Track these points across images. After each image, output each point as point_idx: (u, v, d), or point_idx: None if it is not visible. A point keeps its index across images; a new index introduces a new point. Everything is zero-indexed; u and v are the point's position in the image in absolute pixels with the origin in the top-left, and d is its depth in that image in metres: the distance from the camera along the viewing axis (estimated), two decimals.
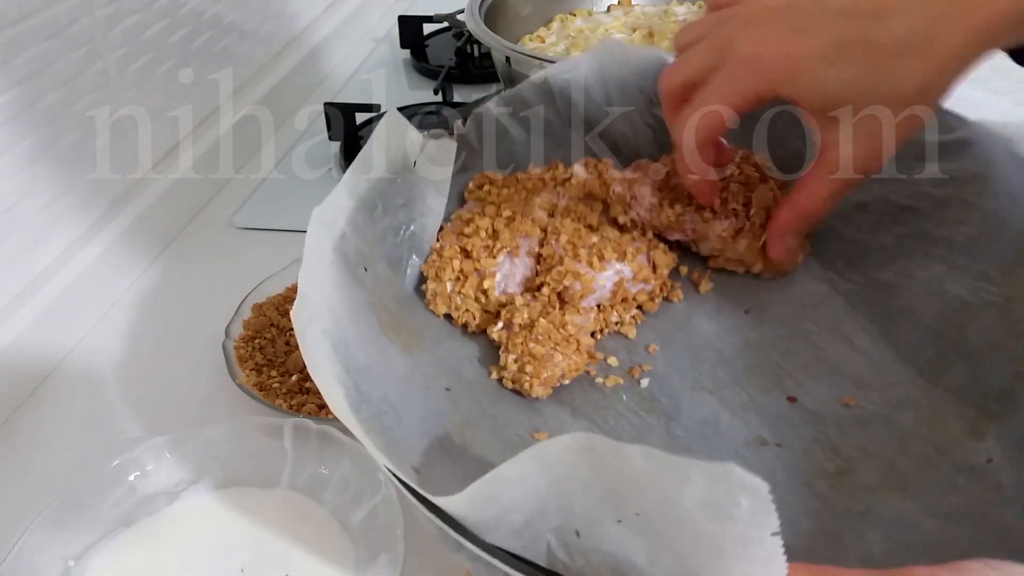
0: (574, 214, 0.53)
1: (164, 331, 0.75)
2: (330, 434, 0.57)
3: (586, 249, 0.50)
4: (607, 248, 0.50)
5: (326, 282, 0.42)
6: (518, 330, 0.48)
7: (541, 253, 0.52)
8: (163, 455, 0.57)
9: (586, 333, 0.49)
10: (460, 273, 0.51)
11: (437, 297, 0.51)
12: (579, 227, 0.51)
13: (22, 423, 0.67)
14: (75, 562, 0.53)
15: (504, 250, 0.51)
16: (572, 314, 0.49)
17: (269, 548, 0.54)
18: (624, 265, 0.50)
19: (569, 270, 0.49)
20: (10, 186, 0.68)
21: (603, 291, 0.50)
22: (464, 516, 0.33)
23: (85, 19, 0.75)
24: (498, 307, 0.51)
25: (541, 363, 0.46)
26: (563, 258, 0.50)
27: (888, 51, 0.39)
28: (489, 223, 0.52)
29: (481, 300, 0.51)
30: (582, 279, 0.49)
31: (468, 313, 0.51)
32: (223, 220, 0.90)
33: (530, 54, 0.80)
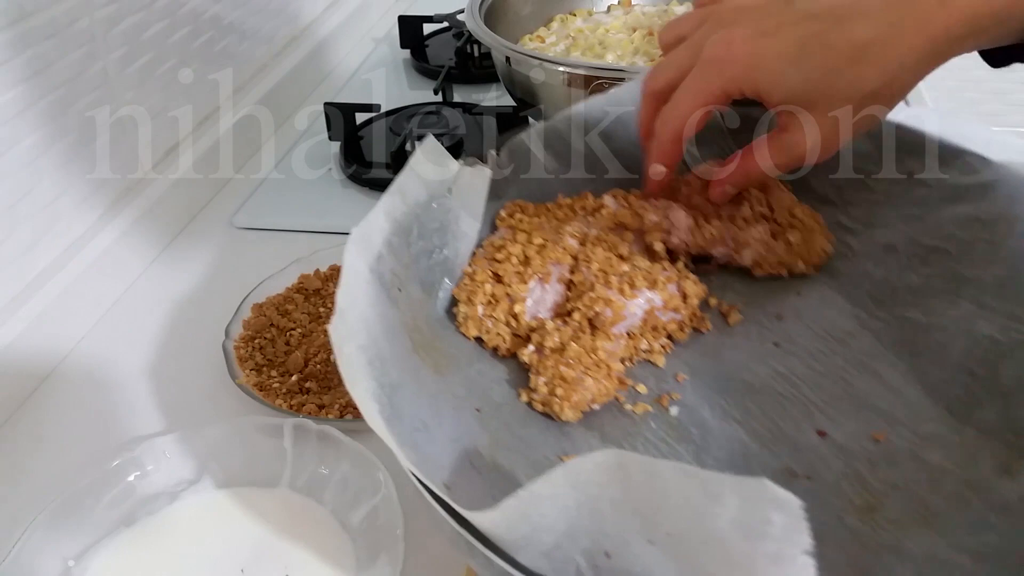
0: (605, 243, 0.53)
1: (164, 331, 0.75)
2: (330, 434, 0.57)
3: (617, 277, 0.51)
4: (638, 276, 0.51)
5: (363, 300, 0.42)
6: (549, 353, 0.48)
7: (572, 280, 0.52)
8: (163, 455, 0.57)
9: (616, 359, 0.49)
10: (491, 297, 0.51)
11: (468, 320, 0.51)
12: (610, 256, 0.52)
13: (22, 423, 0.67)
14: (75, 562, 0.53)
15: (535, 276, 0.52)
16: (602, 340, 0.49)
17: (269, 548, 0.54)
18: (655, 293, 0.51)
19: (601, 296, 0.50)
20: (10, 186, 0.68)
21: (634, 319, 0.50)
22: (495, 533, 0.33)
23: (85, 19, 0.75)
24: (528, 331, 0.51)
25: (572, 386, 0.47)
26: (595, 285, 0.50)
27: (847, 55, 0.42)
28: (520, 250, 0.53)
29: (511, 324, 0.51)
30: (613, 306, 0.49)
31: (498, 336, 0.51)
32: (223, 220, 0.90)
33: (530, 54, 0.80)
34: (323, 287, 0.75)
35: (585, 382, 0.47)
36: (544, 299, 0.52)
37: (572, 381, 0.47)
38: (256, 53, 1.07)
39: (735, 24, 0.45)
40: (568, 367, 0.47)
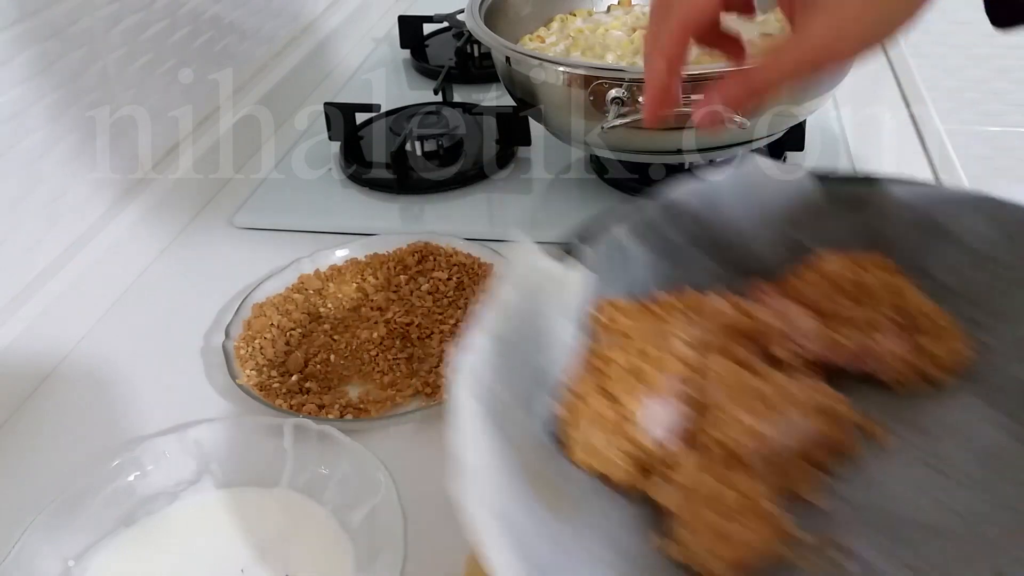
0: (724, 351, 0.47)
1: (164, 331, 0.75)
2: (330, 434, 0.57)
3: (752, 396, 0.44)
4: (778, 396, 0.44)
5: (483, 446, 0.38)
6: (687, 493, 0.42)
7: (691, 394, 0.46)
8: (163, 455, 0.57)
9: (768, 499, 0.41)
10: (601, 418, 0.45)
11: (576, 445, 0.45)
12: (736, 368, 0.46)
13: (22, 423, 0.67)
14: (75, 562, 0.53)
15: (647, 392, 0.45)
16: (746, 475, 0.42)
17: (269, 548, 0.54)
18: (802, 418, 0.44)
19: (736, 419, 0.43)
20: (11, 186, 0.68)
21: (784, 451, 0.44)
22: None
23: (85, 19, 0.75)
24: (648, 458, 0.45)
25: (726, 541, 0.40)
26: (726, 406, 0.44)
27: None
28: (626, 359, 0.46)
29: (627, 448, 0.44)
30: (754, 433, 0.43)
31: (613, 464, 0.44)
32: (223, 220, 0.90)
33: (530, 54, 0.80)
34: (323, 287, 0.75)
35: (742, 534, 0.40)
36: (661, 418, 0.45)
37: (726, 533, 0.40)
38: (256, 53, 1.07)
39: None
40: (716, 512, 0.40)
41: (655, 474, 0.44)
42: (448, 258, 0.77)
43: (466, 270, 0.75)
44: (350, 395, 0.64)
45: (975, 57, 2.13)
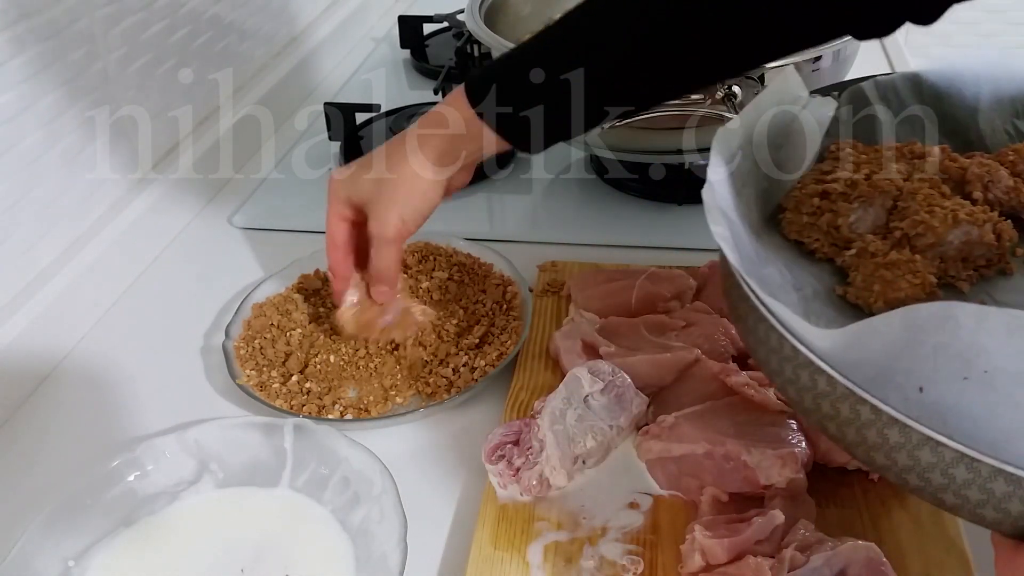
0: (929, 182, 0.58)
1: (164, 331, 0.75)
2: (330, 434, 0.57)
3: (942, 210, 0.55)
4: (962, 211, 0.55)
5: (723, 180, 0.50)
6: (869, 257, 0.54)
7: (897, 205, 0.58)
8: (163, 455, 0.57)
9: (930, 273, 0.54)
10: (817, 209, 0.58)
11: (791, 224, 0.58)
12: (934, 192, 0.57)
13: (22, 423, 0.67)
14: (75, 562, 0.53)
15: (860, 198, 0.57)
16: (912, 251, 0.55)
17: (269, 548, 0.54)
18: (975, 228, 0.55)
19: (924, 221, 0.55)
20: (11, 186, 0.68)
21: (949, 247, 0.55)
22: (831, 352, 0.40)
23: (85, 19, 0.75)
24: (846, 243, 0.57)
25: (889, 284, 0.52)
26: (919, 210, 0.56)
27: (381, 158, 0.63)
28: (848, 175, 0.59)
29: (832, 234, 0.57)
30: (935, 231, 0.55)
31: (818, 242, 0.58)
32: (223, 220, 0.90)
33: None
34: (323, 287, 0.75)
35: (900, 283, 0.52)
36: (865, 219, 0.58)
37: (890, 280, 0.52)
38: (256, 53, 1.07)
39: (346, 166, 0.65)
40: (887, 269, 0.53)
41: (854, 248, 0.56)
42: (448, 258, 0.77)
43: (466, 270, 0.75)
44: (350, 395, 0.64)
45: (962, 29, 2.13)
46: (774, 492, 0.53)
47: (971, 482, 0.37)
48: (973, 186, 0.60)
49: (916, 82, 0.66)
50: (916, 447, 0.38)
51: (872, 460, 0.40)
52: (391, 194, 0.61)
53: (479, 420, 0.63)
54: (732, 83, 0.72)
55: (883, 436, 0.39)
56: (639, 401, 0.59)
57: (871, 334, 0.38)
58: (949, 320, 0.36)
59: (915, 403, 0.38)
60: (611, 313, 0.68)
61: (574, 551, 0.52)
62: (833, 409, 0.41)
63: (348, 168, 0.64)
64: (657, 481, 0.57)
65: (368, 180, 0.62)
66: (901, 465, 0.39)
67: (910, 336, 0.37)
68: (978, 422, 0.37)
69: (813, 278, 0.57)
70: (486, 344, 0.68)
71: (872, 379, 0.39)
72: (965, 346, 0.36)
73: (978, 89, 0.66)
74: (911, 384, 0.38)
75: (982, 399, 0.36)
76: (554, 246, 0.82)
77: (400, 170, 0.61)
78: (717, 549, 0.49)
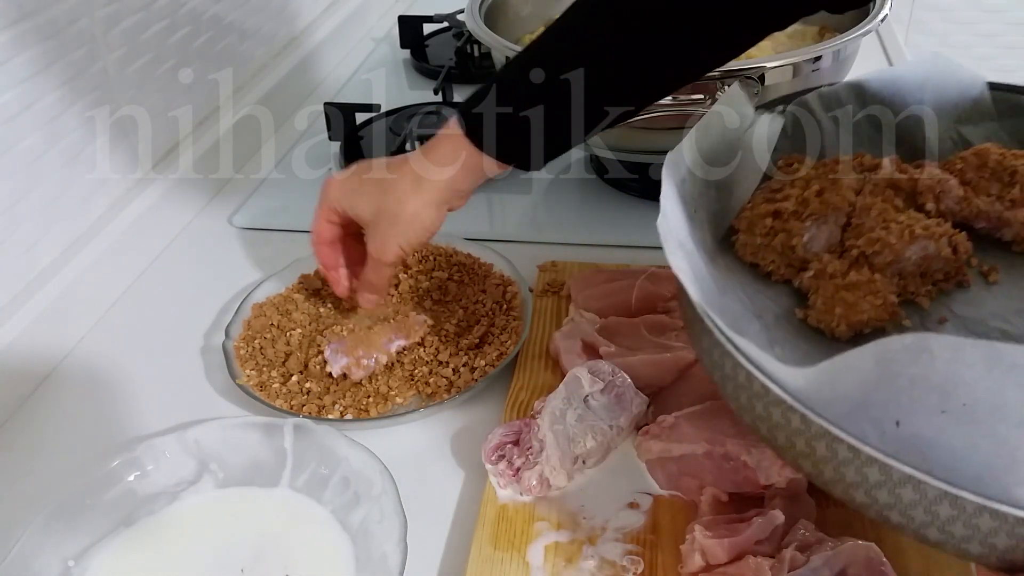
0: (882, 196, 0.59)
1: (164, 331, 0.75)
2: (330, 434, 0.57)
3: (897, 225, 0.56)
4: (917, 226, 0.56)
5: (675, 210, 0.50)
6: (828, 279, 0.54)
7: (851, 222, 0.58)
8: (163, 455, 0.57)
9: (890, 292, 0.54)
10: (770, 229, 0.58)
11: (746, 247, 0.59)
12: (888, 207, 0.58)
13: (22, 423, 0.67)
14: (75, 562, 0.53)
15: (813, 216, 0.57)
16: (872, 270, 0.55)
17: (269, 548, 0.54)
18: (931, 243, 0.56)
19: (881, 238, 0.55)
20: (11, 186, 0.68)
21: (908, 263, 0.56)
22: (804, 391, 0.39)
23: (85, 19, 0.75)
24: (802, 263, 0.57)
25: (851, 307, 0.52)
26: (875, 228, 0.56)
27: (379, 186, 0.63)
28: (799, 192, 0.59)
29: (787, 255, 0.57)
30: (893, 248, 0.55)
31: (774, 264, 0.58)
32: (223, 220, 0.90)
33: None
34: (323, 287, 0.75)
35: (862, 305, 0.52)
36: (819, 237, 0.58)
37: (851, 303, 0.53)
38: (256, 53, 1.07)
39: (345, 170, 0.65)
40: (847, 291, 0.53)
41: (811, 270, 0.56)
42: (448, 258, 0.77)
43: (466, 270, 0.75)
44: (350, 395, 0.64)
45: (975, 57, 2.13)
46: (774, 492, 0.53)
47: (955, 518, 0.36)
48: (925, 197, 0.60)
49: (860, 91, 0.66)
50: (897, 484, 0.37)
51: (851, 498, 0.39)
52: (391, 224, 0.62)
53: (479, 420, 0.63)
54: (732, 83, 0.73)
55: (862, 474, 0.38)
56: (639, 401, 0.59)
57: (844, 370, 0.37)
58: (924, 352, 0.35)
59: (892, 438, 0.37)
60: (611, 313, 0.68)
61: (574, 551, 0.52)
62: (808, 447, 0.40)
63: (347, 180, 0.65)
64: (657, 481, 0.57)
65: (369, 205, 0.63)
66: (882, 503, 0.38)
67: (884, 369, 0.36)
68: (959, 456, 0.36)
69: (771, 302, 0.57)
70: (486, 344, 0.68)
71: (847, 414, 0.38)
72: (942, 378, 0.35)
73: (922, 96, 0.66)
74: (888, 418, 0.37)
75: (962, 433, 0.36)
76: (554, 246, 0.82)
77: (401, 206, 0.62)
78: (717, 549, 0.49)
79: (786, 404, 0.40)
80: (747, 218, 0.59)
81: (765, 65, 0.73)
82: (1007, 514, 0.35)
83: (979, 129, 0.66)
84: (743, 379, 0.42)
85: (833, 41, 0.76)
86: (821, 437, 0.39)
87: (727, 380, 0.44)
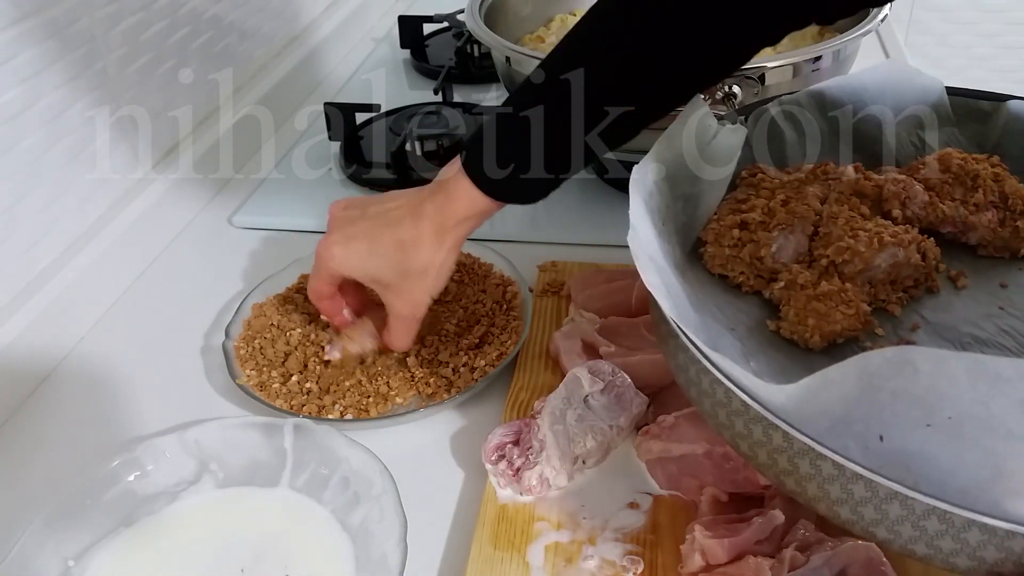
0: (848, 204, 0.59)
1: (164, 331, 0.75)
2: (330, 434, 0.57)
3: (866, 233, 0.56)
4: (886, 233, 0.56)
5: (645, 222, 0.50)
6: (799, 290, 0.55)
7: (818, 231, 0.58)
8: (163, 455, 0.57)
9: (862, 301, 0.55)
10: (738, 241, 0.58)
11: (714, 259, 0.59)
12: (854, 215, 0.58)
13: (22, 423, 0.67)
14: (75, 562, 0.53)
15: (779, 226, 0.58)
16: (842, 280, 0.55)
17: (269, 548, 0.54)
18: (900, 250, 0.56)
19: (850, 247, 0.55)
20: (11, 186, 0.68)
21: (877, 270, 0.56)
22: (785, 407, 0.38)
23: (85, 19, 0.75)
24: (771, 274, 0.57)
25: (824, 318, 0.53)
26: (843, 236, 0.56)
27: (396, 248, 0.60)
28: (765, 203, 0.59)
29: (756, 266, 0.58)
30: (862, 256, 0.55)
31: (743, 275, 0.58)
32: (223, 220, 0.90)
33: (530, 54, 0.80)
34: None
35: (835, 315, 0.53)
36: (786, 247, 0.58)
37: (824, 313, 0.53)
38: (256, 53, 1.07)
39: (331, 232, 0.62)
40: (819, 301, 0.53)
41: (781, 281, 0.56)
42: None
43: (466, 270, 0.75)
44: (350, 395, 0.64)
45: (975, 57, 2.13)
46: (774, 492, 0.53)
47: (944, 533, 0.36)
48: (891, 204, 0.60)
49: (820, 99, 0.66)
50: (884, 500, 0.37)
51: (836, 515, 0.39)
52: (421, 279, 0.60)
53: (479, 420, 0.63)
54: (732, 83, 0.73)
55: (847, 491, 0.38)
56: (639, 401, 0.59)
57: (826, 385, 0.37)
58: (906, 366, 0.35)
59: (876, 452, 0.37)
60: (611, 313, 0.68)
61: (574, 551, 0.52)
62: (791, 464, 0.40)
63: (350, 245, 0.61)
64: (657, 481, 0.57)
65: (390, 268, 0.60)
66: (868, 519, 0.38)
67: (866, 384, 0.36)
68: (945, 470, 0.35)
69: (743, 314, 0.57)
70: (486, 344, 0.68)
71: (829, 430, 0.38)
72: (925, 391, 0.35)
73: (882, 102, 0.67)
74: (871, 433, 0.37)
75: (948, 446, 0.35)
76: (554, 246, 0.82)
77: (429, 260, 0.60)
78: (717, 549, 0.49)
79: (767, 421, 0.39)
80: (714, 230, 0.59)
81: (765, 65, 0.73)
82: (995, 527, 0.35)
83: (939, 134, 0.67)
84: (722, 396, 0.42)
85: (833, 41, 0.76)
86: (804, 454, 0.39)
87: (704, 397, 0.43)
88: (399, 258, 0.60)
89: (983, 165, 0.62)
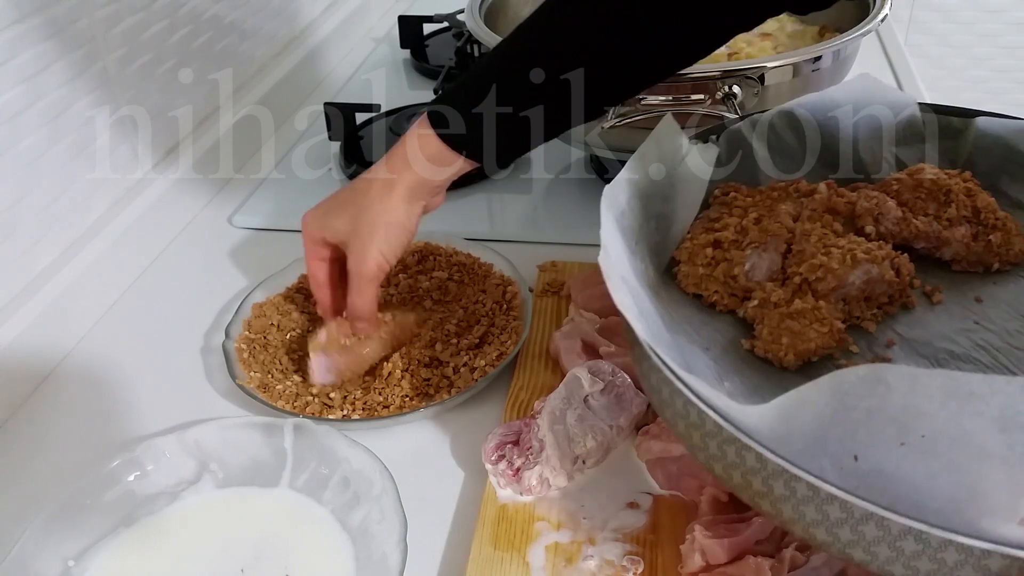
0: (821, 221, 0.59)
1: (164, 331, 0.75)
2: (330, 434, 0.57)
3: (839, 250, 0.56)
4: (859, 250, 0.56)
5: (617, 242, 0.50)
6: (772, 308, 0.54)
7: (791, 248, 0.58)
8: (163, 455, 0.57)
9: (836, 319, 0.54)
10: (711, 260, 0.58)
11: (688, 278, 0.59)
12: (827, 232, 0.58)
13: (22, 423, 0.67)
14: (75, 562, 0.53)
15: (752, 244, 0.58)
16: (816, 298, 0.55)
17: (269, 548, 0.54)
18: (874, 266, 0.56)
19: (823, 264, 0.55)
20: (11, 186, 0.68)
21: (851, 287, 0.56)
22: (758, 428, 0.38)
23: (85, 19, 0.75)
24: (744, 292, 0.57)
25: (798, 336, 0.53)
26: (816, 254, 0.56)
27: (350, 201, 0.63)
28: (738, 221, 0.59)
29: (730, 284, 0.57)
30: (835, 273, 0.55)
31: (717, 294, 0.58)
32: (223, 220, 0.90)
33: None
34: None
35: (809, 333, 0.53)
36: (760, 265, 0.58)
37: (798, 331, 0.53)
38: (256, 53, 1.07)
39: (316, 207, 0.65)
40: (793, 320, 0.53)
41: (755, 299, 0.56)
42: (448, 258, 0.77)
43: (466, 270, 0.75)
44: (350, 395, 0.64)
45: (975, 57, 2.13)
46: None
47: (920, 553, 0.36)
48: (864, 220, 0.60)
49: (792, 117, 0.66)
50: (860, 522, 0.36)
51: (812, 536, 0.38)
52: (370, 232, 0.61)
53: (479, 420, 0.63)
54: (732, 83, 0.73)
55: (823, 512, 0.37)
56: (639, 401, 0.59)
57: (799, 405, 0.36)
58: (880, 384, 0.34)
59: (851, 472, 0.36)
60: (611, 313, 0.68)
61: (574, 551, 0.52)
62: (765, 486, 0.39)
63: (319, 208, 0.65)
64: (657, 481, 0.57)
65: (344, 220, 0.63)
66: (844, 540, 0.37)
67: (840, 403, 0.35)
68: (920, 489, 0.35)
69: (717, 333, 0.56)
70: (486, 344, 0.68)
71: (803, 451, 0.37)
72: (899, 410, 0.34)
73: (855, 118, 0.66)
74: (846, 452, 0.36)
75: (923, 465, 0.35)
76: (554, 246, 0.82)
77: (376, 210, 0.61)
78: (717, 549, 0.49)
79: (740, 442, 0.39)
80: (688, 249, 0.59)
81: (765, 65, 0.73)
82: (972, 547, 0.34)
83: (912, 150, 0.67)
84: (695, 417, 0.42)
85: (833, 41, 0.76)
86: (778, 475, 0.38)
87: (678, 418, 0.43)
88: (352, 210, 0.62)
89: (955, 180, 0.62)
